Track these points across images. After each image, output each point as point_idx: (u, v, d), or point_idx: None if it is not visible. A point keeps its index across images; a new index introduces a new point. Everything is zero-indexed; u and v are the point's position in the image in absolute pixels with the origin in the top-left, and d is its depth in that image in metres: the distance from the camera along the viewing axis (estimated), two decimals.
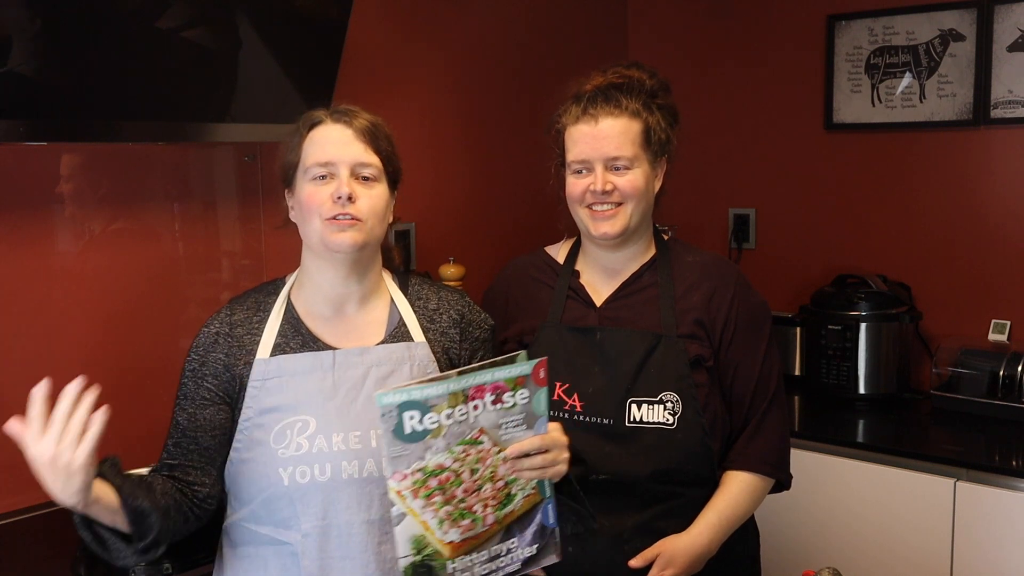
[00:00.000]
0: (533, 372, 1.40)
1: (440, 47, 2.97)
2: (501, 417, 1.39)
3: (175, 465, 1.59)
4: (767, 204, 3.39)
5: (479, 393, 1.36)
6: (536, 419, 1.43)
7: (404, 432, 1.33)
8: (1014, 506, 2.36)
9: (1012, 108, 2.85)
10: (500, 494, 1.42)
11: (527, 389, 1.40)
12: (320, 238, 1.55)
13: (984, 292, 2.96)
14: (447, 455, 1.36)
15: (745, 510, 1.80)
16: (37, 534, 2.03)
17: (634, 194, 1.75)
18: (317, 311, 1.63)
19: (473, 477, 1.39)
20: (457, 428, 1.36)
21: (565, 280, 1.87)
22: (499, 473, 1.41)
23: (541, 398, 1.42)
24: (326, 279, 1.61)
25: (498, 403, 1.38)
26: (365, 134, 1.57)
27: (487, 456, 1.39)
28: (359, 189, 1.55)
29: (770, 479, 1.82)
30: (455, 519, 1.39)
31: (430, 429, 1.34)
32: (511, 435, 1.41)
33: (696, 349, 1.78)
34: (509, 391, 1.38)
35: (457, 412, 1.35)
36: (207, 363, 1.60)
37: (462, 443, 1.37)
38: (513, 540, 1.46)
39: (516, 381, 1.39)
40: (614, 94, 1.77)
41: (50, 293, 2.16)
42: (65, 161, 2.19)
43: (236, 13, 2.20)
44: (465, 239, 3.04)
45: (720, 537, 1.76)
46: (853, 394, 2.92)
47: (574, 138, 1.77)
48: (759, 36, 3.34)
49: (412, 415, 1.32)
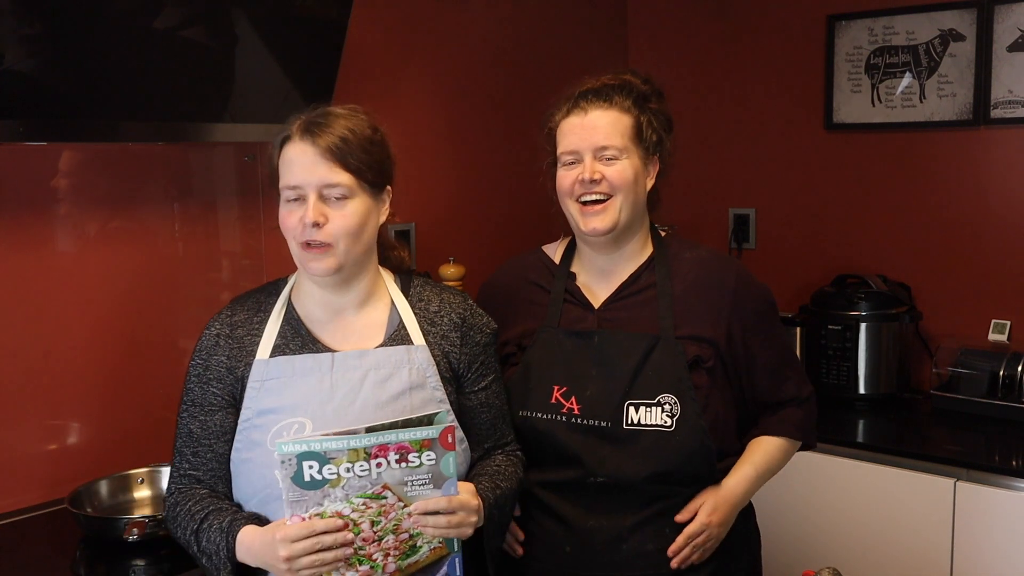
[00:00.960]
0: (440, 436, 1.42)
1: (440, 47, 2.97)
2: (407, 475, 1.41)
3: (201, 478, 1.59)
4: (767, 204, 3.39)
5: (382, 452, 1.39)
6: (444, 479, 1.44)
7: (303, 479, 1.37)
8: (1014, 506, 2.36)
9: (1012, 108, 2.85)
10: (404, 545, 1.44)
11: (433, 452, 1.42)
12: (299, 261, 1.58)
13: (984, 292, 2.96)
14: (346, 505, 1.39)
15: (776, 467, 1.88)
16: (37, 534, 2.03)
17: (623, 185, 1.75)
18: (315, 314, 1.63)
19: (374, 528, 1.41)
20: (357, 481, 1.39)
21: (562, 282, 1.87)
22: (403, 526, 1.43)
23: (449, 461, 1.44)
24: (318, 291, 1.62)
25: (403, 462, 1.40)
26: (331, 152, 1.52)
27: (390, 510, 1.42)
28: (328, 211, 1.53)
29: (798, 442, 1.90)
30: (351, 564, 1.41)
31: (328, 479, 1.37)
32: (417, 492, 1.43)
33: (695, 350, 1.77)
34: (415, 452, 1.41)
35: (357, 467, 1.38)
36: (210, 367, 1.60)
37: (363, 496, 1.39)
38: None
39: (422, 443, 1.41)
40: (607, 91, 1.78)
41: (50, 293, 2.16)
42: (65, 161, 2.19)
43: (236, 12, 2.20)
44: (465, 239, 3.04)
45: (753, 489, 1.83)
46: (853, 394, 2.92)
47: (564, 131, 1.78)
48: (759, 36, 3.34)
49: (311, 464, 1.37)
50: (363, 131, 1.57)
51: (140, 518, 1.88)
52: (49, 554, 1.96)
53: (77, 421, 2.21)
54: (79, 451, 2.21)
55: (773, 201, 3.37)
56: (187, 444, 1.60)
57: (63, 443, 2.20)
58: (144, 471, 2.15)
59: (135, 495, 2.13)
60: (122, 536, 1.87)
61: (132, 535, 1.87)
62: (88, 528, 1.95)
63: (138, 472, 2.15)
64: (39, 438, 2.16)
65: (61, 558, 1.92)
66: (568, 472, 1.74)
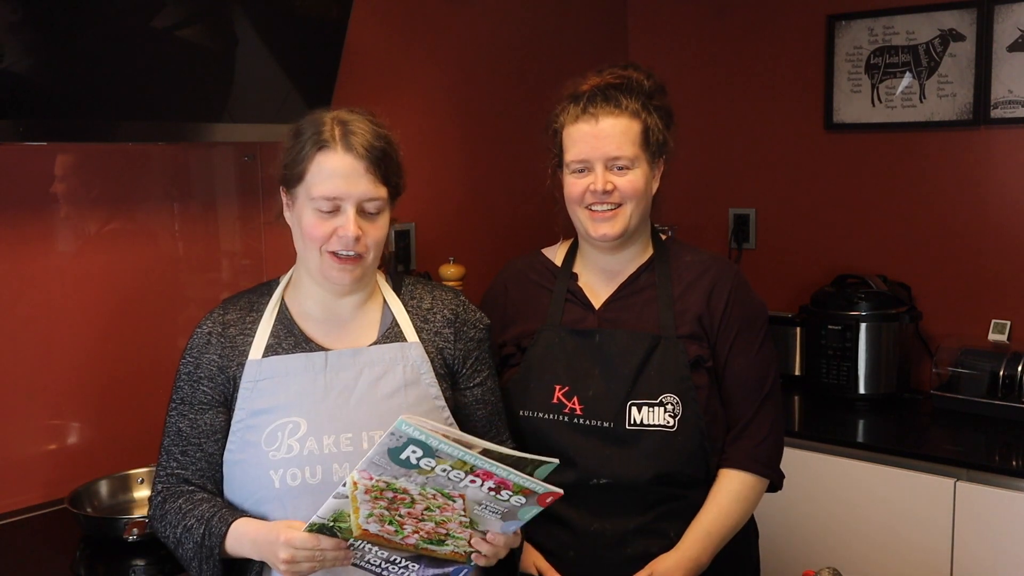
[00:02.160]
0: (541, 496, 1.39)
1: (440, 47, 2.97)
2: (488, 501, 1.40)
3: (190, 478, 1.57)
4: (767, 204, 3.39)
5: (485, 476, 1.36)
6: (514, 520, 1.44)
7: (399, 456, 1.34)
8: (1014, 506, 2.36)
9: (1012, 108, 2.85)
10: (435, 535, 1.44)
11: (528, 501, 1.40)
12: (319, 268, 1.56)
13: (984, 292, 2.96)
14: (418, 489, 1.37)
15: (738, 518, 1.78)
16: (37, 534, 2.03)
17: (634, 195, 1.75)
18: (310, 312, 1.63)
19: (423, 509, 1.40)
20: (444, 481, 1.36)
21: (564, 283, 1.87)
22: (449, 526, 1.42)
23: (532, 511, 1.42)
24: (319, 291, 1.62)
25: (495, 492, 1.38)
26: (376, 165, 1.53)
27: (448, 510, 1.40)
28: (364, 224, 1.53)
29: (762, 479, 1.80)
30: (382, 520, 1.40)
31: (422, 467, 1.34)
32: (483, 515, 1.41)
33: (695, 349, 1.77)
34: (511, 491, 1.38)
35: (453, 473, 1.35)
36: (201, 366, 1.59)
37: (438, 490, 1.37)
38: (416, 564, 1.47)
39: (524, 490, 1.38)
40: (614, 94, 1.76)
41: (49, 293, 2.16)
42: (64, 161, 2.18)
43: (236, 12, 2.20)
44: (465, 239, 3.04)
45: (711, 549, 1.75)
46: (853, 394, 2.92)
47: (574, 138, 1.76)
48: (759, 36, 3.34)
49: (415, 451, 1.32)
50: (394, 144, 1.58)
51: (140, 518, 1.88)
52: (49, 554, 1.96)
53: (77, 421, 2.21)
54: (79, 451, 2.21)
55: (773, 201, 3.37)
56: (176, 443, 1.58)
57: (63, 443, 2.20)
58: (144, 471, 2.15)
59: (135, 495, 2.13)
60: (122, 536, 1.87)
61: (132, 535, 1.87)
62: (88, 528, 1.95)
63: (138, 472, 2.15)
64: (39, 438, 2.16)
65: (61, 558, 1.92)
66: (570, 474, 1.74)
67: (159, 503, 1.57)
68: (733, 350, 1.80)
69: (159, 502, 1.57)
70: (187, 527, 1.51)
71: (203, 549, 1.48)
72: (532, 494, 1.38)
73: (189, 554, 1.51)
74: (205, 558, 1.49)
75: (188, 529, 1.50)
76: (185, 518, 1.51)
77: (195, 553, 1.50)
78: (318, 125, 1.55)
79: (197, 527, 1.49)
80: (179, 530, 1.52)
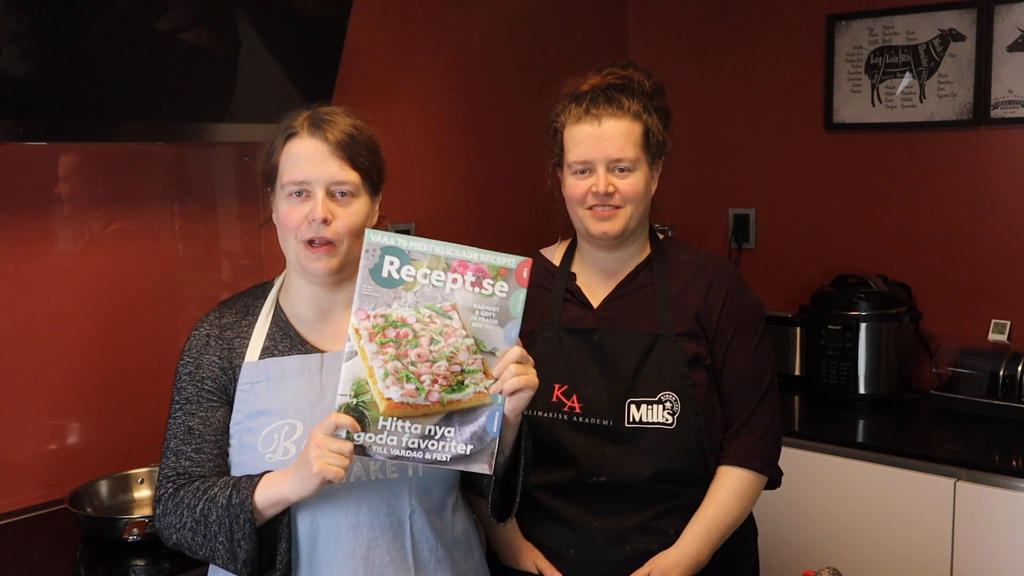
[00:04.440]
0: (517, 268, 1.44)
1: (440, 47, 2.97)
2: (476, 302, 1.43)
3: (203, 475, 1.52)
4: (767, 204, 3.39)
5: (461, 268, 1.43)
6: (509, 318, 1.45)
7: (380, 274, 1.41)
8: (1014, 506, 2.36)
9: (1012, 108, 2.85)
10: (453, 378, 1.43)
11: (507, 284, 1.44)
12: (296, 259, 1.56)
13: (984, 292, 2.96)
14: (412, 312, 1.41)
15: (737, 514, 1.78)
16: (37, 534, 2.03)
17: (635, 197, 1.75)
18: (303, 314, 1.62)
19: (431, 346, 1.42)
20: (430, 291, 1.42)
21: (562, 282, 1.87)
22: (459, 357, 1.43)
23: (519, 298, 1.45)
24: (309, 291, 1.61)
25: (477, 286, 1.43)
26: (342, 148, 1.52)
27: (451, 334, 1.42)
28: (335, 208, 1.52)
29: (761, 476, 1.80)
30: (399, 378, 1.41)
31: (405, 280, 1.41)
32: (482, 324, 1.44)
33: (694, 348, 1.78)
34: (490, 278, 1.44)
35: (434, 276, 1.42)
36: (202, 365, 1.58)
37: (431, 307, 1.42)
38: (451, 429, 1.44)
39: (499, 271, 1.44)
40: (615, 95, 1.76)
41: (50, 293, 2.16)
42: (65, 161, 2.19)
43: (236, 13, 2.20)
44: (465, 239, 3.01)
45: (711, 545, 1.75)
46: (853, 394, 2.92)
47: (576, 138, 1.76)
48: (759, 36, 3.34)
49: (393, 261, 1.41)
50: (368, 132, 1.58)
51: (140, 518, 1.88)
52: (49, 554, 1.96)
53: (77, 421, 2.21)
54: (79, 451, 2.21)
55: (773, 201, 3.37)
56: (186, 442, 1.54)
57: (63, 443, 2.20)
58: (144, 471, 2.15)
59: (135, 495, 2.13)
60: (122, 536, 1.87)
61: (132, 535, 1.87)
62: (88, 528, 1.95)
63: (138, 472, 2.16)
64: (39, 438, 2.16)
65: (61, 558, 1.92)
66: (569, 472, 1.74)
67: (171, 493, 1.51)
68: (731, 348, 1.81)
69: (171, 492, 1.51)
70: (211, 497, 1.45)
71: (231, 509, 1.43)
72: (509, 273, 1.44)
73: (214, 528, 1.44)
74: (235, 517, 1.42)
75: (212, 499, 1.45)
76: (207, 492, 1.46)
77: (223, 518, 1.43)
78: (291, 119, 1.57)
79: (222, 492, 1.45)
80: (200, 504, 1.46)
